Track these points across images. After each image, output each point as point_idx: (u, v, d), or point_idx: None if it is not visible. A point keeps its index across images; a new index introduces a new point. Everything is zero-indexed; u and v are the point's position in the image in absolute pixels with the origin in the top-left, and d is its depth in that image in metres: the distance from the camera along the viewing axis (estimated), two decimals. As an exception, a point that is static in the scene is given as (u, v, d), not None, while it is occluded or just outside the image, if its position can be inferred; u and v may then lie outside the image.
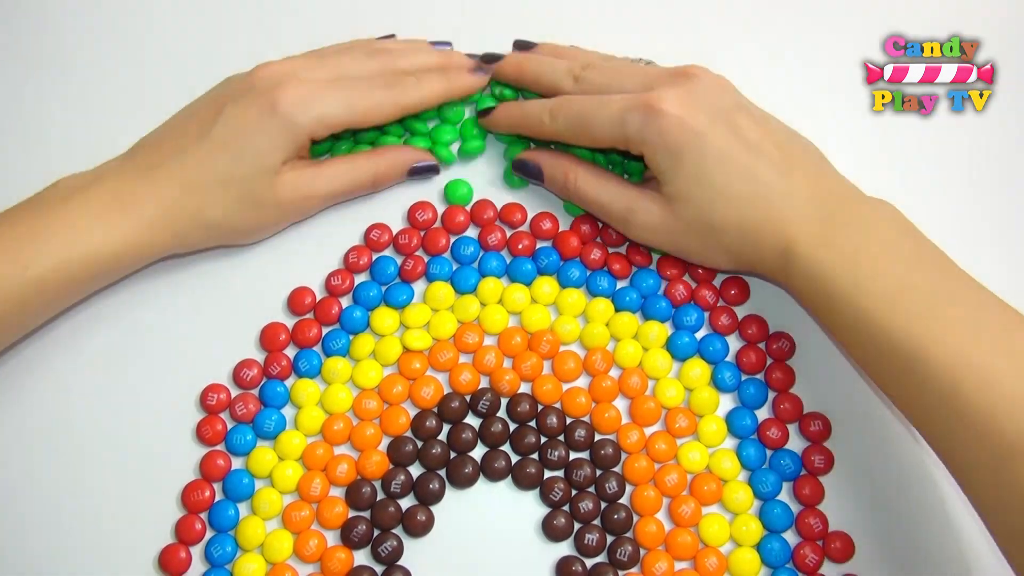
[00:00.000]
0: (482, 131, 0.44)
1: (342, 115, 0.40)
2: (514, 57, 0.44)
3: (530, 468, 0.39)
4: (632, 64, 0.42)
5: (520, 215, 0.43)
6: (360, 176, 0.42)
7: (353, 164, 0.42)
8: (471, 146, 0.44)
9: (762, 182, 0.37)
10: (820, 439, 0.40)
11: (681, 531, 0.39)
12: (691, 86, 0.38)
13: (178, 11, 0.47)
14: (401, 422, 0.40)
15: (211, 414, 0.40)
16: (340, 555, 0.38)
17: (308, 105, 0.39)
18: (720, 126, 0.38)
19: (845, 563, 0.38)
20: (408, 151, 0.43)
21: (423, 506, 0.39)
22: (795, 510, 0.39)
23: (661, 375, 0.41)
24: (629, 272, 0.42)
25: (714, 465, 0.40)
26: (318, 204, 0.42)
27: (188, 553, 0.39)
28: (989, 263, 0.43)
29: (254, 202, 0.39)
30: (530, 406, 0.40)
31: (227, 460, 0.40)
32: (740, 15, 0.47)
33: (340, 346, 0.41)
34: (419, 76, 0.41)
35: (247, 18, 0.47)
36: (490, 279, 0.42)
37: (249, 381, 0.40)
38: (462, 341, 0.41)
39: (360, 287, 0.42)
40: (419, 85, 0.41)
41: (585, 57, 0.43)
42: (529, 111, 0.41)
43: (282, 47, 0.46)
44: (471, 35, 0.46)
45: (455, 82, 0.42)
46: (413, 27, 0.46)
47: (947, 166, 0.45)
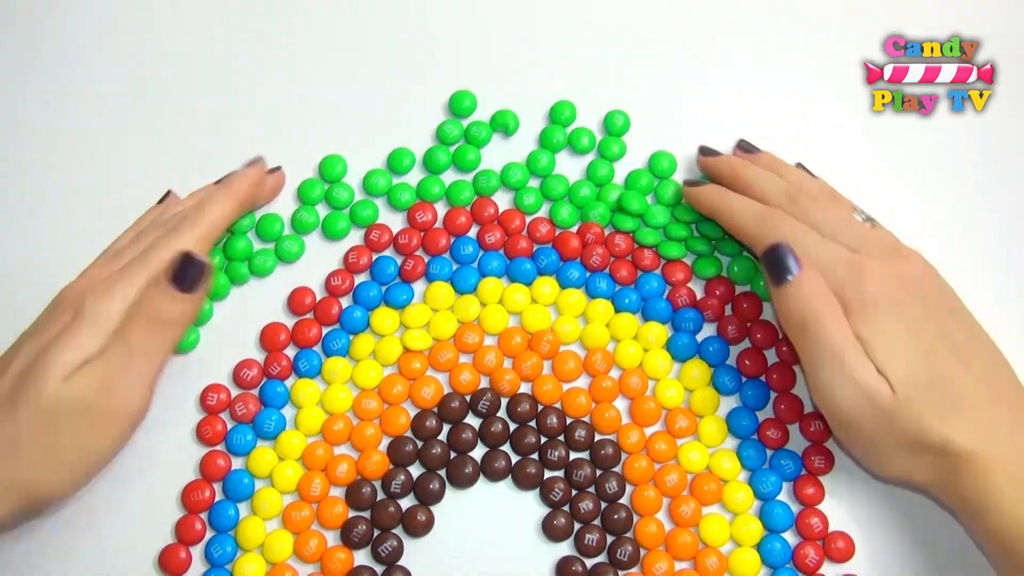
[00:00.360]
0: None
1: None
2: (733, 160, 0.42)
3: (530, 468, 0.39)
4: (851, 216, 0.39)
5: (519, 220, 0.43)
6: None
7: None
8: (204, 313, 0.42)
9: (968, 403, 0.34)
10: (820, 439, 0.40)
11: (681, 531, 0.39)
12: (904, 269, 0.36)
13: (178, 10, 0.47)
14: (401, 422, 0.40)
15: (211, 414, 0.40)
16: (340, 555, 0.38)
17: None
18: (931, 323, 0.35)
19: (845, 563, 0.38)
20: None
21: (423, 506, 0.39)
22: (795, 510, 0.39)
23: (661, 375, 0.41)
24: (633, 279, 0.42)
25: (714, 465, 0.40)
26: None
27: (188, 553, 0.39)
28: (989, 263, 0.43)
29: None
30: (530, 406, 0.40)
31: (227, 460, 0.40)
32: (740, 15, 0.47)
33: (340, 346, 0.41)
34: (191, 207, 0.40)
35: (248, 18, 0.47)
36: (490, 279, 0.42)
37: (249, 381, 0.40)
38: (462, 341, 0.41)
39: (360, 287, 0.42)
40: (191, 216, 0.39)
41: (808, 184, 0.40)
42: (739, 208, 0.39)
43: (282, 47, 0.46)
44: (472, 35, 0.46)
45: (233, 185, 0.41)
46: (413, 26, 0.46)
47: (947, 166, 0.45)
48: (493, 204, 0.43)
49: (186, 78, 0.46)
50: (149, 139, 0.45)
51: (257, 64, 0.46)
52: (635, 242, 0.42)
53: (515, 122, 0.44)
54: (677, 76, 0.46)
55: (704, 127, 0.45)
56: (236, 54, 0.46)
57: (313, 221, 0.43)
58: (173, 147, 0.45)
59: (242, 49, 0.46)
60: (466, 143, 0.44)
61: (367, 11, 0.47)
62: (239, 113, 0.45)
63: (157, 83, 0.46)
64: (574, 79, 0.45)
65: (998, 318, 0.39)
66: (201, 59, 0.46)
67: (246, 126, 0.45)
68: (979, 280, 0.42)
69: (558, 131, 0.44)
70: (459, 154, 0.44)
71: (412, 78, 0.46)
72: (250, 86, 0.46)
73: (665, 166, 0.43)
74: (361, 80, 0.46)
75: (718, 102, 0.45)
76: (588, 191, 0.43)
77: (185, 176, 0.44)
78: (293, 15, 0.47)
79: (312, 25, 0.47)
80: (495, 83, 0.45)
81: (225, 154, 0.44)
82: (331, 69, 0.46)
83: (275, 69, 0.46)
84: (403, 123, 0.45)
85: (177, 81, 0.46)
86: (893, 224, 0.42)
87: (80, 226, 0.43)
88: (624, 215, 0.42)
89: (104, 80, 0.46)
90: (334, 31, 0.46)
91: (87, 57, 0.46)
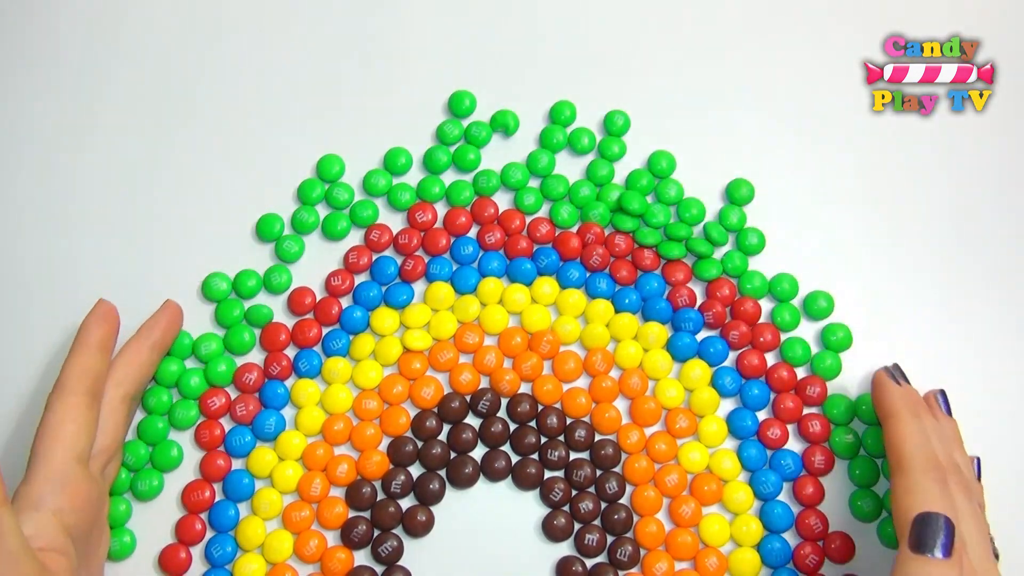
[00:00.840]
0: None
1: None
2: (917, 401, 0.38)
3: (530, 468, 0.39)
4: (988, 546, 0.34)
5: (519, 221, 0.43)
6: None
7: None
8: None
9: None
10: (820, 440, 0.40)
11: (681, 531, 0.39)
12: None
13: (177, 11, 0.47)
14: (401, 422, 0.40)
15: (210, 418, 0.40)
16: (340, 555, 0.38)
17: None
18: None
19: (845, 564, 0.38)
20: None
21: (423, 506, 0.39)
22: (795, 510, 0.39)
23: (661, 376, 0.41)
24: (634, 279, 0.42)
25: (714, 465, 0.40)
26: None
27: (188, 553, 0.39)
28: (989, 263, 0.43)
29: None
30: (530, 406, 0.40)
31: (227, 460, 0.40)
32: (740, 15, 0.47)
33: (340, 346, 0.41)
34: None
35: (246, 18, 0.47)
36: (490, 279, 0.42)
37: (251, 385, 0.40)
38: (462, 341, 0.41)
39: (360, 287, 0.42)
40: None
41: (972, 481, 0.37)
42: (918, 438, 0.35)
43: (283, 46, 0.46)
44: (472, 35, 0.46)
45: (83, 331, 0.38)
46: (413, 26, 0.46)
47: (947, 166, 0.45)
48: (493, 204, 0.43)
49: (183, 78, 0.46)
50: (144, 137, 0.45)
51: (258, 63, 0.46)
52: (635, 242, 0.42)
53: (515, 122, 0.44)
54: (677, 75, 0.46)
55: (704, 127, 0.45)
56: (236, 55, 0.46)
57: (313, 221, 0.43)
58: (169, 144, 0.45)
59: (242, 50, 0.46)
60: (466, 143, 0.44)
61: (367, 11, 0.47)
62: (237, 112, 0.45)
63: (155, 83, 0.46)
64: (574, 79, 0.45)
65: (998, 318, 0.40)
66: (199, 59, 0.46)
67: (248, 124, 0.45)
68: (979, 280, 0.42)
69: (558, 131, 0.44)
70: (459, 154, 0.44)
71: (412, 78, 0.46)
72: (253, 85, 0.46)
73: (664, 166, 0.43)
74: (361, 80, 0.46)
75: (718, 102, 0.45)
76: (588, 191, 0.43)
77: (181, 176, 0.44)
78: (292, 15, 0.47)
79: (311, 26, 0.47)
80: (495, 83, 0.45)
81: (224, 152, 0.43)
82: (330, 69, 0.46)
83: (275, 69, 0.46)
84: (403, 123, 0.45)
85: (174, 80, 0.46)
86: (893, 224, 0.42)
87: (80, 226, 0.43)
88: (624, 215, 0.42)
89: (101, 80, 0.46)
90: (333, 31, 0.46)
91: (86, 57, 0.46)
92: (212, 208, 0.44)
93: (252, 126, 0.45)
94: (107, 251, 0.43)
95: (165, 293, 0.41)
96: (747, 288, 0.42)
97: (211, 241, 0.43)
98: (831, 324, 0.41)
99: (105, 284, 0.42)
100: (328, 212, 0.43)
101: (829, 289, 0.42)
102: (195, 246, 0.43)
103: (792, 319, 0.41)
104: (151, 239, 0.43)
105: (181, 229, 0.43)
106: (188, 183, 0.44)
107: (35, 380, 0.41)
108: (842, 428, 0.40)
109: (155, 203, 0.44)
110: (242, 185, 0.44)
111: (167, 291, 0.42)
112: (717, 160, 0.44)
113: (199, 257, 0.43)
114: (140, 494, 0.39)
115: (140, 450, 0.39)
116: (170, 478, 0.40)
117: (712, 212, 0.43)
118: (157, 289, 0.42)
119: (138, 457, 0.39)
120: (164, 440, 0.40)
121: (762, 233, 0.42)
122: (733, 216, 0.43)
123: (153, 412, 0.40)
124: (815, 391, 0.40)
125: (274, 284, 0.42)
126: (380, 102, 0.45)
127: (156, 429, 0.40)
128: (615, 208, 0.43)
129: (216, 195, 0.44)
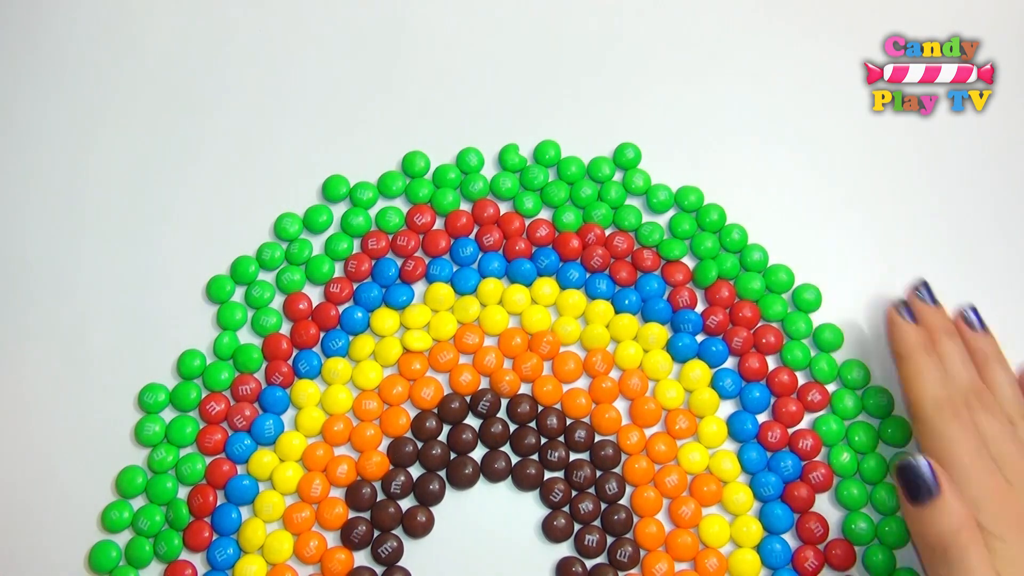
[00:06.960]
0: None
1: None
2: (941, 321, 0.38)
3: (530, 469, 0.39)
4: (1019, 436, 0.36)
5: (519, 222, 0.43)
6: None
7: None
8: None
9: None
10: (814, 456, 0.40)
11: (681, 532, 0.39)
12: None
13: (178, 10, 0.47)
14: (401, 423, 0.40)
15: (210, 423, 0.40)
16: (340, 556, 0.38)
17: None
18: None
19: (845, 571, 0.38)
20: None
21: (423, 507, 0.39)
22: (795, 513, 0.39)
23: (661, 376, 0.41)
24: (633, 280, 0.42)
25: (714, 466, 0.40)
26: None
27: (194, 569, 0.39)
28: (989, 263, 0.43)
29: None
30: (530, 407, 0.40)
31: (231, 466, 0.39)
32: (740, 15, 0.47)
33: (340, 347, 0.41)
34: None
35: (246, 20, 0.47)
36: (490, 280, 0.42)
37: (248, 395, 0.40)
38: (462, 342, 0.41)
39: (360, 288, 0.42)
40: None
41: (1001, 391, 0.37)
42: (925, 374, 0.36)
43: (283, 47, 0.46)
44: (471, 43, 0.46)
45: None
46: (415, 27, 0.46)
47: (947, 166, 0.45)
48: (493, 205, 0.43)
49: (182, 84, 0.46)
50: (146, 147, 0.45)
51: (258, 71, 0.46)
52: (636, 242, 0.42)
53: (521, 160, 0.44)
54: (677, 75, 0.46)
55: (704, 127, 0.45)
56: (238, 58, 0.46)
57: (326, 221, 0.43)
58: (167, 149, 0.45)
59: (244, 55, 0.46)
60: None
61: (367, 15, 0.47)
62: (237, 121, 0.45)
63: (152, 91, 0.46)
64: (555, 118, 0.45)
65: (999, 319, 0.40)
66: (204, 64, 0.46)
67: (253, 134, 0.45)
68: (980, 281, 0.42)
69: (540, 171, 0.44)
70: (465, 184, 0.44)
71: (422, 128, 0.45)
72: (252, 92, 0.46)
73: (631, 157, 0.43)
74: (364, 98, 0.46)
75: (718, 101, 0.45)
76: (589, 191, 0.43)
77: (181, 176, 0.44)
78: (295, 30, 0.47)
79: (319, 45, 0.47)
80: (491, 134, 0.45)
81: (228, 170, 0.44)
82: (341, 82, 0.46)
83: (280, 78, 0.46)
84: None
85: (170, 89, 0.46)
86: (893, 224, 0.42)
87: (77, 227, 0.43)
88: (671, 242, 0.42)
89: (103, 87, 0.46)
90: (341, 51, 0.46)
91: (85, 61, 0.46)
92: (221, 209, 0.44)
93: (257, 136, 0.45)
94: (107, 251, 0.43)
95: (166, 293, 0.42)
96: (746, 290, 0.42)
97: (219, 241, 0.43)
98: (824, 324, 0.41)
99: (105, 284, 0.42)
100: (335, 231, 0.43)
101: (829, 289, 0.42)
102: (200, 247, 0.43)
103: (784, 311, 0.41)
104: (151, 239, 0.43)
105: (182, 230, 0.43)
106: (189, 185, 0.44)
107: (35, 380, 0.41)
108: (838, 448, 0.40)
109: (155, 203, 0.44)
110: (256, 187, 0.44)
111: (167, 291, 0.42)
112: (717, 160, 0.44)
113: (203, 259, 0.43)
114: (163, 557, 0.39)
115: (155, 515, 0.39)
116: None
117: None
118: (157, 289, 0.42)
119: (153, 523, 0.39)
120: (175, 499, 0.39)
121: (765, 249, 0.42)
122: (735, 233, 0.42)
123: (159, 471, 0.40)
124: (816, 398, 0.40)
125: (284, 284, 0.42)
126: (394, 120, 0.45)
127: (165, 489, 0.39)
128: (616, 207, 0.43)
129: (226, 200, 0.44)
